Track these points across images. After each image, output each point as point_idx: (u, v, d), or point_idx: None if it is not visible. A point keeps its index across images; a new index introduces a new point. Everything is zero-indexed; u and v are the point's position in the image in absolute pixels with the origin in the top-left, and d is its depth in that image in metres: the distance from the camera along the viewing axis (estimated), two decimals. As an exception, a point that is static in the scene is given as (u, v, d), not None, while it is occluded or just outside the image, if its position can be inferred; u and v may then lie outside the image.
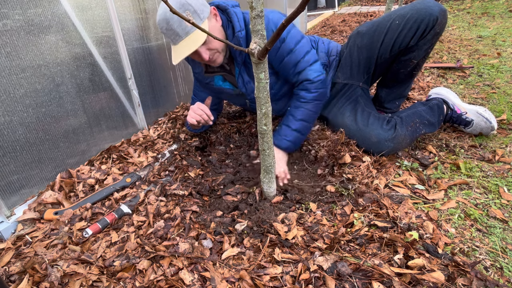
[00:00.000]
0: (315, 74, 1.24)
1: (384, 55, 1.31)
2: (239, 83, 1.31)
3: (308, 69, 1.24)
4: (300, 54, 1.23)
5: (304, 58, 1.24)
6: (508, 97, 1.72)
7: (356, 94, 1.40)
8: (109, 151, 1.37)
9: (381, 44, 1.29)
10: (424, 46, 1.24)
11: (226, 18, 1.21)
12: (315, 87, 1.24)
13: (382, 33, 1.28)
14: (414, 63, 1.30)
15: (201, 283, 0.79)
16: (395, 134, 1.23)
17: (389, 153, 1.26)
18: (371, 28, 1.33)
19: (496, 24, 3.35)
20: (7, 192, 1.03)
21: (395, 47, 1.27)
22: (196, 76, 1.44)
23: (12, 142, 1.02)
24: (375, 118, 1.30)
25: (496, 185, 1.09)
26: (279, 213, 1.03)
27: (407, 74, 1.36)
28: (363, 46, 1.35)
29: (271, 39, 0.69)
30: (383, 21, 1.29)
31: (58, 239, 0.95)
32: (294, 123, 1.25)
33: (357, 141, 1.30)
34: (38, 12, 1.06)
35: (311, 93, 1.25)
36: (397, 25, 1.23)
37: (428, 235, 0.88)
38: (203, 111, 1.29)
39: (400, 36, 1.23)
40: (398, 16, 1.24)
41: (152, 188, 1.16)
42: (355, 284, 0.75)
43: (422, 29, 1.19)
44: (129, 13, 1.45)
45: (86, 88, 1.27)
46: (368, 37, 1.33)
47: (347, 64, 1.42)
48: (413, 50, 1.25)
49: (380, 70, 1.41)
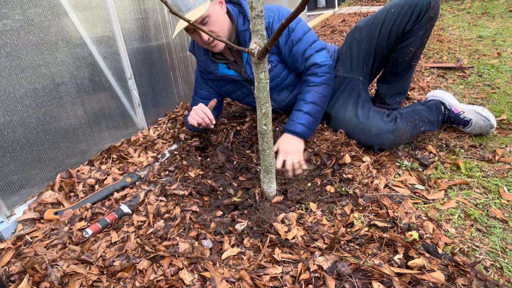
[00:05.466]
0: (322, 59, 1.29)
1: (382, 44, 1.34)
2: (247, 70, 1.34)
3: (316, 55, 1.29)
4: (308, 41, 1.29)
5: (312, 45, 1.29)
6: (508, 97, 1.72)
7: (358, 87, 1.42)
8: (109, 151, 1.37)
9: (378, 34, 1.33)
10: (419, 32, 1.27)
11: (238, 10, 1.28)
12: (323, 71, 1.28)
13: (379, 24, 1.32)
14: (412, 51, 1.32)
15: (201, 283, 0.79)
16: (396, 126, 1.24)
17: (390, 146, 1.26)
18: (368, 22, 1.38)
19: (496, 24, 3.35)
20: (7, 192, 1.03)
21: (392, 33, 1.30)
22: (200, 67, 1.45)
23: (12, 142, 1.02)
24: (375, 112, 1.31)
25: (496, 185, 1.09)
26: (279, 213, 1.03)
27: (405, 66, 1.39)
28: (361, 39, 1.39)
29: (271, 39, 0.69)
30: (379, 14, 1.34)
31: (58, 239, 0.95)
32: (305, 106, 1.27)
33: (358, 135, 1.30)
34: (38, 12, 1.06)
35: (319, 77, 1.27)
36: (393, 13, 1.28)
37: (428, 235, 0.88)
38: (206, 115, 1.30)
39: (396, 22, 1.28)
40: (393, 6, 1.29)
41: (152, 188, 1.16)
42: (355, 284, 0.75)
43: (417, 14, 1.23)
44: (129, 13, 1.45)
45: (86, 88, 1.27)
46: (366, 30, 1.38)
47: (347, 58, 1.45)
48: (409, 36, 1.29)
49: (379, 62, 1.43)
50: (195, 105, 1.39)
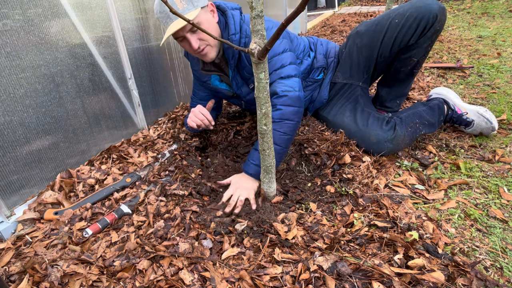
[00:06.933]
0: (284, 88, 1.13)
1: (384, 53, 1.31)
2: (233, 85, 1.31)
3: (278, 82, 1.14)
4: (275, 65, 1.16)
5: (277, 70, 1.15)
6: (508, 97, 1.72)
7: (356, 93, 1.40)
8: (109, 151, 1.37)
9: (381, 43, 1.29)
10: (424, 44, 1.24)
11: (224, 20, 1.21)
12: (282, 103, 1.12)
13: (382, 32, 1.27)
14: (415, 61, 1.30)
15: (201, 283, 0.79)
16: (395, 135, 1.23)
17: (389, 153, 1.26)
18: (371, 28, 1.32)
19: (496, 24, 3.35)
20: (7, 192, 1.03)
21: (395, 45, 1.26)
22: (195, 74, 1.44)
23: (12, 142, 1.02)
24: (374, 118, 1.30)
25: (496, 185, 1.09)
26: (279, 213, 1.03)
27: (407, 73, 1.36)
28: (362, 46, 1.35)
29: (271, 39, 0.69)
30: (382, 20, 1.29)
31: (58, 239, 0.95)
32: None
33: (357, 141, 1.30)
34: (38, 12, 1.06)
35: (277, 110, 1.12)
36: (397, 24, 1.23)
37: (428, 235, 0.88)
38: (205, 116, 1.29)
39: (400, 34, 1.23)
40: (397, 15, 1.24)
41: (152, 188, 1.16)
42: (355, 284, 0.75)
43: (422, 27, 1.18)
44: (129, 13, 1.45)
45: (86, 88, 1.27)
46: (367, 36, 1.33)
47: (346, 64, 1.42)
48: (413, 48, 1.25)
49: (380, 69, 1.41)
50: (194, 106, 1.38)
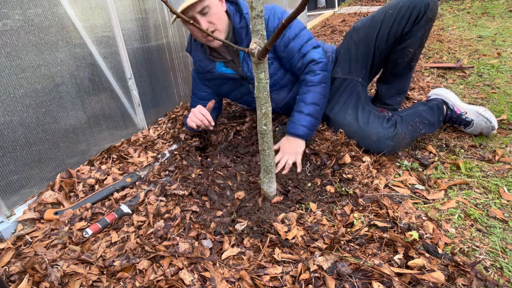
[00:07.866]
0: (319, 55, 1.29)
1: (381, 45, 1.34)
2: (244, 68, 1.34)
3: (313, 51, 1.29)
4: (304, 38, 1.29)
5: (308, 42, 1.29)
6: (508, 97, 1.72)
7: (357, 89, 1.41)
8: (109, 151, 1.37)
9: (377, 36, 1.33)
10: (418, 33, 1.27)
11: (234, 9, 1.27)
12: (320, 68, 1.28)
13: (377, 25, 1.32)
14: (411, 52, 1.32)
15: (201, 283, 0.79)
16: (395, 132, 1.23)
17: (389, 152, 1.26)
18: (366, 23, 1.37)
19: (496, 24, 3.35)
20: (7, 192, 1.03)
21: (390, 35, 1.30)
22: (197, 66, 1.43)
23: (12, 142, 1.02)
24: (375, 116, 1.30)
25: (496, 185, 1.09)
26: (279, 213, 1.03)
27: (405, 66, 1.38)
28: (360, 41, 1.38)
29: (271, 39, 0.69)
30: (377, 15, 1.33)
31: (58, 239, 0.95)
32: (306, 107, 1.27)
33: (358, 139, 1.30)
34: (38, 12, 1.06)
35: (318, 75, 1.28)
36: (391, 15, 1.27)
37: (428, 235, 0.88)
38: (205, 117, 1.30)
39: (394, 24, 1.27)
40: (391, 7, 1.29)
41: (152, 188, 1.16)
42: (355, 284, 0.75)
43: (415, 15, 1.23)
44: (129, 13, 1.45)
45: (86, 88, 1.27)
46: (364, 31, 1.37)
47: (345, 60, 1.44)
48: (408, 37, 1.28)
49: (378, 63, 1.42)
50: (194, 106, 1.38)
